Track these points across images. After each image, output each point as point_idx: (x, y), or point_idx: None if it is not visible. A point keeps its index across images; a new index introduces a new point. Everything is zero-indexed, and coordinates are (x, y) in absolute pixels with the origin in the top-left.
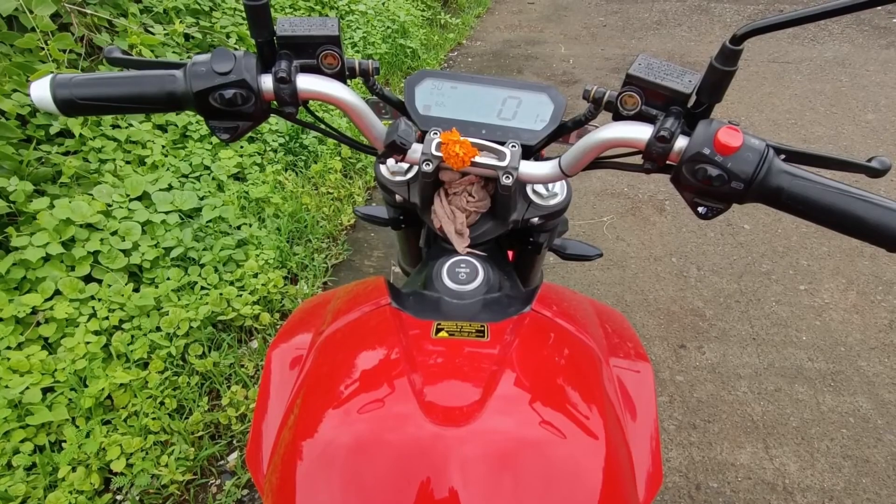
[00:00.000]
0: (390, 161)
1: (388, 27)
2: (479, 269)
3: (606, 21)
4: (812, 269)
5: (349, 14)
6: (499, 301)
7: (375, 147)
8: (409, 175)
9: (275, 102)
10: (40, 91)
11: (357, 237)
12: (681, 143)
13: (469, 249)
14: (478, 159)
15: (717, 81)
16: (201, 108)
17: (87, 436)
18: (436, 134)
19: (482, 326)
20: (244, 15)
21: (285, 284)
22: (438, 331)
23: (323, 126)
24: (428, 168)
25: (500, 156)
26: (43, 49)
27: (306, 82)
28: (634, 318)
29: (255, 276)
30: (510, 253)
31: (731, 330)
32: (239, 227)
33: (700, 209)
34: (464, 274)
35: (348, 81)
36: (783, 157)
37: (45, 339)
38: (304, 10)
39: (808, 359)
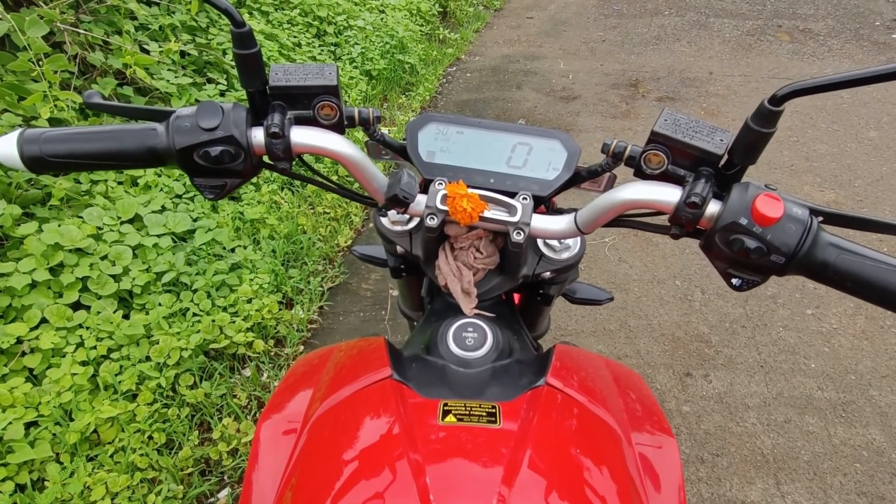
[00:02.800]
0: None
1: (387, 43)
2: (487, 333)
3: (605, 36)
4: (819, 293)
5: (347, 29)
6: (509, 370)
7: (376, 199)
8: (411, 225)
9: (266, 157)
10: (6, 148)
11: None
12: (713, 208)
13: (477, 311)
14: (487, 213)
15: (752, 142)
16: (185, 165)
17: (72, 474)
18: (440, 184)
19: (493, 408)
20: None
21: (280, 310)
22: (445, 413)
23: (319, 178)
24: (432, 223)
25: (511, 210)
26: (35, 69)
27: (301, 136)
28: (639, 345)
29: (249, 301)
30: (517, 296)
31: (737, 357)
32: (233, 250)
33: (734, 280)
34: (471, 339)
35: (346, 130)
36: (821, 219)
37: (30, 370)
38: (301, 25)
39: (817, 388)
